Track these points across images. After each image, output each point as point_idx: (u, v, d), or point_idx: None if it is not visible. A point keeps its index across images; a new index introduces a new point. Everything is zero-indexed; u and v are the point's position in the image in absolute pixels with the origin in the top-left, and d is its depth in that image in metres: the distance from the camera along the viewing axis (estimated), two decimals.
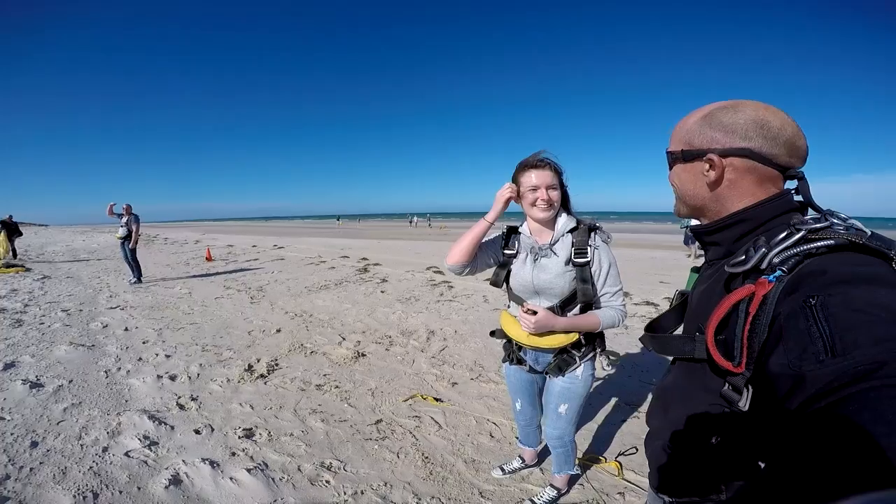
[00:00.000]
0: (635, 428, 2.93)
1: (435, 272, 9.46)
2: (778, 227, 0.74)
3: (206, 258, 13.12)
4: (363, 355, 4.32)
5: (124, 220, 9.07)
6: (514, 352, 2.00)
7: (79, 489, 2.27)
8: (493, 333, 2.07)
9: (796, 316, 0.60)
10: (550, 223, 1.78)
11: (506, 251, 1.90)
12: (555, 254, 1.76)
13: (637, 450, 2.56)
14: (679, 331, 0.99)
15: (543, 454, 2.51)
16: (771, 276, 0.67)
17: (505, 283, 1.93)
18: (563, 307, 1.76)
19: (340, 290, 7.74)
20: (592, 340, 1.86)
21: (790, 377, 0.58)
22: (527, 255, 1.82)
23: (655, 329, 1.04)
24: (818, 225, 0.69)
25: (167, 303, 6.97)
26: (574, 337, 1.79)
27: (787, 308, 0.62)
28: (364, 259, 12.11)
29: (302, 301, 6.87)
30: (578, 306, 1.77)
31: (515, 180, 1.76)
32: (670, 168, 0.92)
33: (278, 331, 5.22)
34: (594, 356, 1.89)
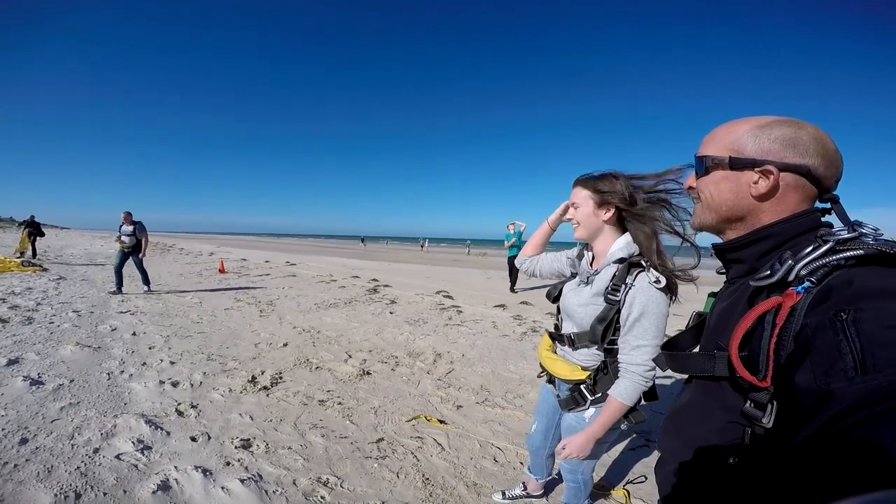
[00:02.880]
0: (645, 457, 2.81)
1: (444, 296, 9.37)
2: (803, 243, 0.72)
3: (219, 270, 13.21)
4: (368, 374, 4.23)
5: (130, 228, 8.58)
6: (547, 370, 1.88)
7: (61, 488, 2.20)
8: None
9: (825, 329, 0.58)
10: (601, 247, 1.63)
11: (573, 269, 1.83)
12: (589, 282, 1.61)
13: (646, 478, 2.43)
14: (697, 350, 0.95)
15: (549, 486, 2.38)
16: (799, 288, 0.64)
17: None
18: (574, 340, 1.61)
19: (349, 308, 7.68)
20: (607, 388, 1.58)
21: (816, 393, 0.56)
22: (578, 276, 1.72)
23: (673, 348, 0.99)
24: (846, 236, 0.67)
25: (177, 311, 6.97)
26: (581, 374, 1.62)
27: (816, 321, 0.60)
28: (374, 280, 12.07)
29: (310, 317, 6.83)
30: (595, 347, 1.58)
31: None
32: (705, 174, 0.86)
33: (285, 345, 5.16)
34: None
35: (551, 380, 1.87)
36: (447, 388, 3.93)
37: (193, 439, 2.77)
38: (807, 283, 0.64)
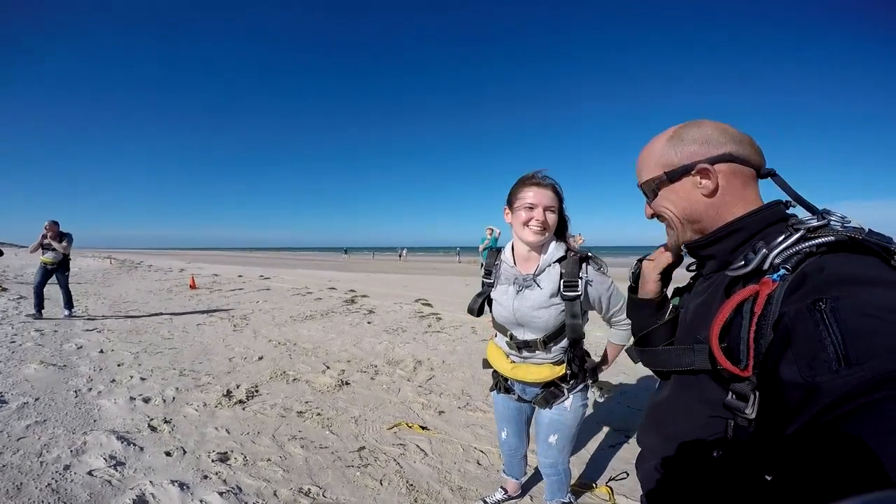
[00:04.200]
0: (626, 453, 2.86)
1: (423, 304, 9.35)
2: (774, 233, 0.74)
3: (190, 286, 12.87)
4: (347, 384, 4.18)
5: (59, 242, 7.30)
6: (501, 381, 1.92)
7: None
8: (487, 365, 1.97)
9: (804, 319, 0.58)
10: (538, 250, 1.66)
11: (485, 279, 1.82)
12: (538, 286, 1.65)
13: (628, 475, 2.49)
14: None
15: (528, 485, 2.42)
16: (775, 276, 0.66)
17: (490, 312, 1.84)
18: (546, 342, 1.67)
19: (326, 320, 7.59)
20: (582, 373, 1.75)
21: (802, 387, 0.56)
22: (509, 285, 1.72)
23: (646, 344, 1.00)
24: (816, 224, 0.69)
25: (146, 327, 6.76)
26: (560, 371, 1.71)
27: (794, 309, 0.61)
28: (352, 290, 11.96)
29: (286, 330, 6.71)
30: (565, 341, 1.68)
31: (512, 196, 1.66)
32: (653, 198, 0.91)
33: (260, 358, 5.06)
34: (585, 387, 1.79)
35: (507, 389, 1.91)
36: (428, 394, 3.92)
37: (168, 454, 2.69)
38: (782, 271, 0.66)
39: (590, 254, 1.67)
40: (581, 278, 1.60)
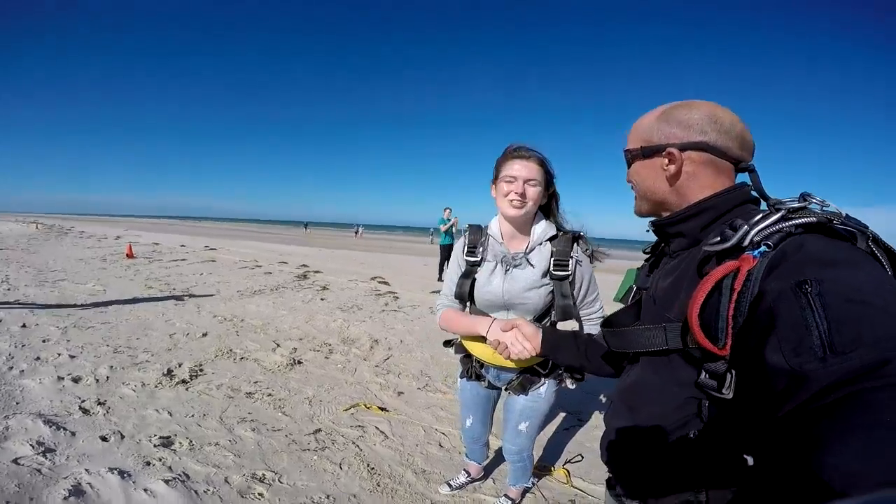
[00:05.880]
0: (580, 436, 2.93)
1: (380, 282, 9.22)
2: (743, 215, 0.75)
3: (127, 255, 12.03)
4: (299, 363, 4.03)
5: None
6: (472, 367, 1.81)
7: None
8: (448, 343, 1.87)
9: (789, 301, 0.58)
10: (525, 227, 1.60)
11: (469, 258, 1.67)
12: (530, 264, 1.58)
13: (583, 457, 2.55)
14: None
15: (490, 468, 2.43)
16: (756, 252, 0.65)
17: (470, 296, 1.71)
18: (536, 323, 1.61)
19: (276, 295, 7.31)
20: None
21: (789, 373, 0.55)
22: (496, 264, 1.62)
23: (613, 325, 0.98)
24: (797, 205, 0.70)
25: (76, 299, 6.23)
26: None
27: (778, 288, 0.60)
28: (304, 266, 11.61)
29: (233, 305, 6.40)
30: (550, 321, 1.64)
31: (496, 169, 1.58)
32: (629, 166, 0.95)
33: (204, 335, 4.78)
34: (559, 373, 1.71)
35: (478, 375, 1.81)
36: (386, 374, 3.85)
37: (104, 439, 2.48)
38: (763, 248, 0.65)
39: (581, 233, 1.62)
40: (572, 257, 1.55)
